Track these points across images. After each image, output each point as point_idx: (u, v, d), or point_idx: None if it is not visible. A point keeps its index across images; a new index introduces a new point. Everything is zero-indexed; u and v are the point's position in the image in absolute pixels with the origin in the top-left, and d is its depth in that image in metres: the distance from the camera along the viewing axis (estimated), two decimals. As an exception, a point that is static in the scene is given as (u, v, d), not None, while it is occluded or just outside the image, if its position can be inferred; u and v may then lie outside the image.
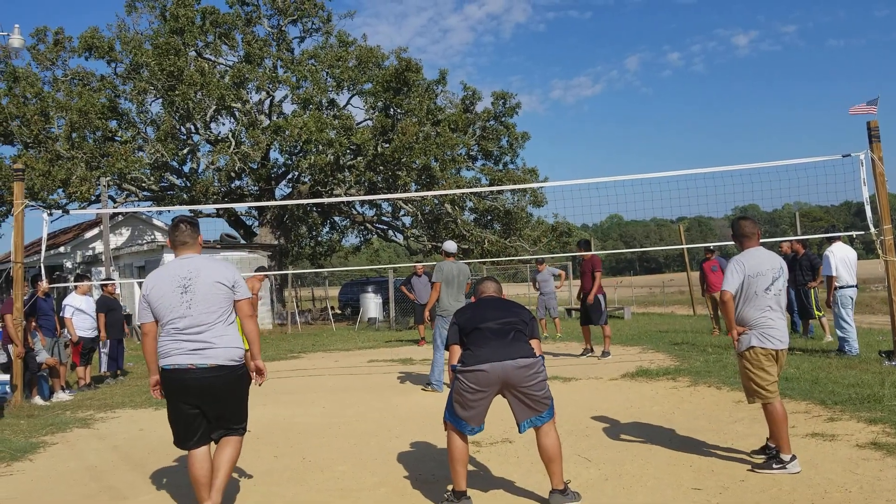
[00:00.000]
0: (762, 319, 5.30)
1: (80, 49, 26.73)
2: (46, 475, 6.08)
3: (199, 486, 4.51)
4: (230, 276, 4.61)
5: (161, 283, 4.55)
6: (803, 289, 12.92)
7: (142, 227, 29.49)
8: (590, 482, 5.16)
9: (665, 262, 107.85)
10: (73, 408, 9.36)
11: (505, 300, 5.13)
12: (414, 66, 26.16)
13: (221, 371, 4.46)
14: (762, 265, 5.35)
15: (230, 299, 4.59)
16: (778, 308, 5.35)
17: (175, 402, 4.53)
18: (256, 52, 26.88)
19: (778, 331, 5.33)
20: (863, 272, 22.72)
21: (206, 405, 4.51)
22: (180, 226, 4.73)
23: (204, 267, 4.59)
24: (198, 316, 4.46)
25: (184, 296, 4.47)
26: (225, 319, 4.56)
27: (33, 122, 23.82)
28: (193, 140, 27.43)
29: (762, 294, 5.30)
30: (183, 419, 4.54)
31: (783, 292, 5.40)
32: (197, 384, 4.43)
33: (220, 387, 4.48)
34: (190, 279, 4.50)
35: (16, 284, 9.74)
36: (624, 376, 9.81)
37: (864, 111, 9.88)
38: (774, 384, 5.30)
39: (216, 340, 4.48)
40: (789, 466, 5.07)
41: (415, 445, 6.56)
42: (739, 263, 5.35)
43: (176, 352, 4.44)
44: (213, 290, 4.52)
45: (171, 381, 4.48)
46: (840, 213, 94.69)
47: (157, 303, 4.51)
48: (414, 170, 26.39)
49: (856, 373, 8.54)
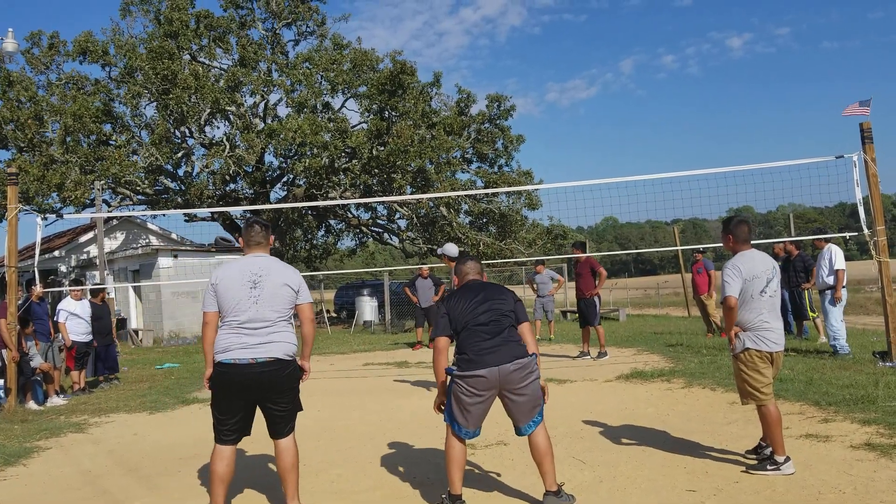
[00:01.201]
0: (758, 322, 5.29)
1: (74, 53, 26.72)
2: (41, 480, 6.07)
3: (216, 482, 4.59)
4: (297, 280, 4.79)
5: (231, 276, 4.68)
6: (797, 290, 12.95)
7: (136, 231, 29.43)
8: (584, 484, 5.17)
9: (660, 263, 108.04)
10: (67, 412, 9.33)
11: (488, 284, 5.10)
12: (409, 69, 26.18)
13: (279, 365, 4.59)
14: (757, 268, 5.35)
15: (293, 302, 4.75)
16: (773, 310, 5.35)
17: (228, 397, 4.61)
18: (251, 55, 26.89)
19: (773, 333, 5.32)
20: (857, 273, 22.65)
21: (263, 401, 4.64)
22: (255, 226, 4.89)
23: (274, 267, 4.75)
24: (262, 312, 4.59)
25: (252, 290, 4.62)
26: (286, 318, 4.71)
27: (27, 126, 23.78)
28: (188, 144, 27.40)
29: (757, 297, 5.29)
30: (230, 413, 4.63)
31: (777, 294, 5.40)
32: (257, 378, 4.54)
33: (277, 380, 4.60)
34: (261, 276, 4.65)
35: (10, 289, 9.72)
36: (618, 378, 9.82)
37: (857, 112, 9.91)
38: (769, 386, 5.29)
39: (275, 336, 4.62)
40: (783, 468, 5.09)
41: (411, 448, 6.56)
42: (737, 268, 5.33)
43: (237, 346, 4.55)
44: (281, 291, 4.67)
45: (229, 376, 4.56)
46: (834, 214, 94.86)
47: (225, 294, 4.64)
48: (409, 172, 26.40)
49: (850, 374, 8.56)
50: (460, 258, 5.48)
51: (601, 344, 12.14)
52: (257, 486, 5.56)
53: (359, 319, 25.61)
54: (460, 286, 5.14)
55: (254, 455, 6.38)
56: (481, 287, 5.00)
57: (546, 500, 4.72)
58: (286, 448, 4.75)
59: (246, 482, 5.65)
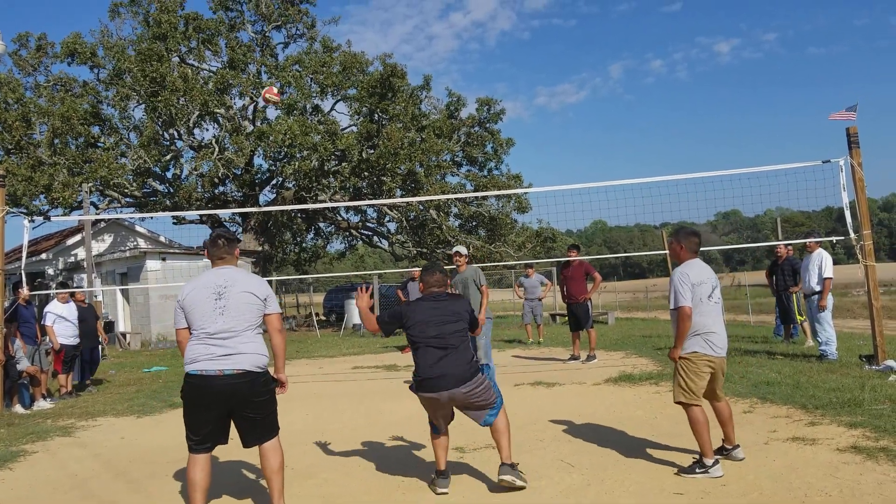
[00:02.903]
0: (705, 328, 5.41)
1: (62, 55, 26.63)
2: (27, 484, 6.03)
3: (193, 489, 4.59)
4: (263, 289, 4.75)
5: (196, 290, 4.67)
6: (785, 293, 13.01)
7: (124, 233, 29.29)
8: (572, 487, 5.18)
9: (648, 267, 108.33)
10: (54, 416, 9.28)
11: (448, 299, 5.38)
12: (399, 72, 26.21)
13: (247, 377, 4.55)
14: (703, 274, 5.50)
15: (261, 311, 4.71)
16: (718, 316, 5.50)
17: (196, 407, 4.61)
18: (240, 57, 26.85)
19: (719, 337, 5.47)
20: (843, 277, 22.79)
21: (238, 410, 4.61)
22: (218, 241, 4.84)
23: (239, 278, 4.73)
24: (229, 322, 4.57)
25: (217, 302, 4.60)
26: (254, 328, 4.69)
27: (15, 127, 23.66)
28: (176, 146, 27.34)
29: (706, 301, 5.44)
30: (200, 424, 4.63)
31: (721, 301, 5.57)
32: (225, 390, 4.52)
33: (246, 392, 4.56)
34: (225, 287, 4.64)
35: (-4, 292, 9.66)
36: (607, 381, 9.85)
37: (844, 117, 9.97)
38: (702, 390, 5.41)
39: (243, 347, 4.58)
40: (712, 471, 5.20)
41: (400, 452, 6.55)
42: (685, 275, 5.44)
43: (204, 357, 4.54)
44: (246, 300, 4.64)
45: (197, 387, 4.56)
46: (821, 218, 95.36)
47: (191, 309, 4.63)
48: (399, 175, 26.42)
49: (837, 377, 8.61)
50: (426, 268, 5.57)
51: (591, 347, 12.16)
52: (236, 492, 5.55)
53: (348, 323, 25.57)
54: (421, 297, 5.45)
55: (232, 461, 6.36)
56: (440, 301, 5.33)
57: (501, 469, 5.15)
58: (271, 451, 4.73)
59: (224, 488, 5.63)
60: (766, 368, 9.65)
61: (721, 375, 5.56)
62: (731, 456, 5.53)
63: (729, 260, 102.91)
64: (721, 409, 5.59)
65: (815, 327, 10.79)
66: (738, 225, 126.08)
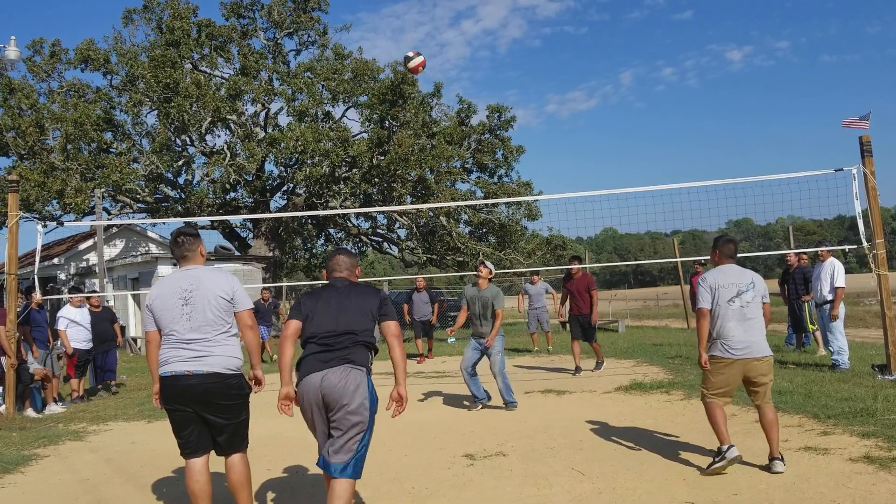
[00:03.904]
0: (722, 331, 5.63)
1: (76, 61, 26.79)
2: (38, 488, 6.06)
3: (195, 499, 4.54)
4: (230, 288, 4.67)
5: (164, 294, 4.63)
6: (797, 301, 12.93)
7: (136, 238, 29.42)
8: (583, 496, 5.17)
9: (659, 275, 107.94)
10: (65, 420, 9.32)
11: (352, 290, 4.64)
12: (410, 79, 26.25)
13: (218, 378, 4.50)
14: (728, 279, 5.72)
15: (230, 311, 4.65)
16: (742, 320, 5.62)
17: (174, 410, 4.58)
18: (252, 64, 26.98)
19: (737, 340, 5.61)
20: (856, 286, 22.66)
21: (207, 413, 4.54)
22: (178, 239, 4.80)
23: (205, 279, 4.66)
24: (197, 327, 4.53)
25: (185, 307, 4.54)
26: (225, 330, 4.61)
27: (28, 133, 23.82)
28: (188, 152, 27.44)
29: (725, 305, 5.64)
30: (182, 426, 4.58)
31: (753, 305, 5.66)
32: (194, 391, 4.47)
33: (217, 394, 4.51)
34: (191, 291, 4.58)
35: (10, 296, 9.73)
36: (618, 389, 9.82)
37: (857, 126, 9.94)
38: (717, 389, 5.73)
39: (214, 350, 4.53)
40: (727, 454, 5.45)
41: (408, 459, 6.55)
42: (705, 280, 5.77)
43: (175, 359, 4.51)
44: (213, 302, 4.58)
45: (169, 389, 4.54)
46: (833, 227, 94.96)
47: (160, 313, 4.61)
48: (409, 182, 26.45)
49: (849, 387, 8.55)
50: (332, 252, 4.98)
51: (598, 355, 12.05)
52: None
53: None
54: (325, 285, 4.79)
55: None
56: (341, 292, 4.63)
57: None
58: (235, 464, 4.67)
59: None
60: (777, 377, 9.56)
61: (755, 378, 5.67)
62: (771, 468, 5.49)
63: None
64: (762, 414, 5.71)
65: (826, 336, 10.73)
66: (750, 233, 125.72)
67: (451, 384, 11.14)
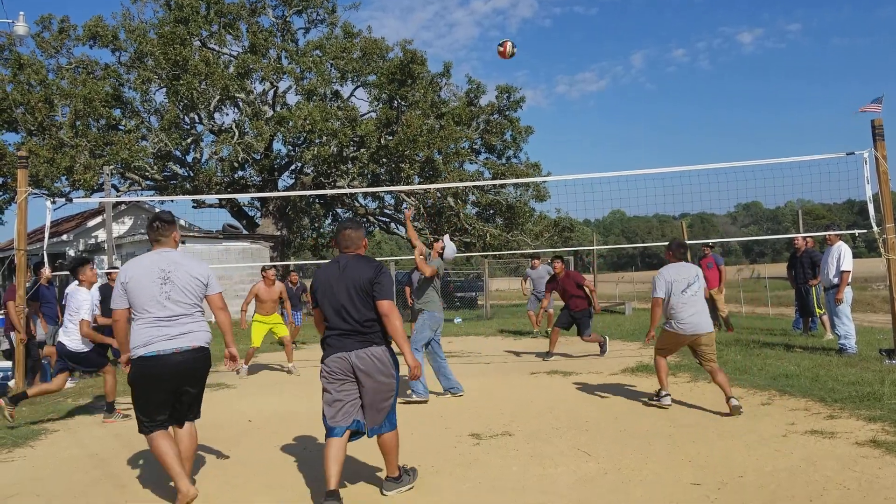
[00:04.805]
0: (675, 314, 7.20)
1: (84, 37, 26.73)
2: (48, 462, 6.11)
3: (170, 464, 4.72)
4: (204, 272, 4.98)
5: (140, 273, 4.83)
6: (804, 286, 12.89)
7: (144, 216, 29.48)
8: (589, 476, 5.18)
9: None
10: (74, 395, 9.39)
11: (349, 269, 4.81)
12: (419, 59, 26.13)
13: (201, 352, 4.85)
14: (679, 274, 7.28)
15: (202, 294, 4.95)
16: (690, 305, 7.17)
17: (153, 389, 4.77)
18: (261, 42, 26.86)
19: (687, 321, 7.16)
20: (864, 270, 22.59)
21: (186, 386, 4.86)
22: (154, 223, 5.03)
23: (182, 262, 4.93)
24: (176, 305, 4.80)
25: (164, 286, 4.79)
26: (199, 309, 4.94)
27: (37, 109, 23.82)
28: (197, 130, 27.42)
29: (679, 294, 7.20)
30: (154, 405, 4.80)
31: (699, 294, 7.22)
32: (178, 366, 4.74)
33: (196, 367, 4.85)
34: (170, 272, 4.83)
35: (19, 272, 9.77)
36: (624, 371, 9.84)
37: (869, 109, 9.86)
38: (664, 350, 7.55)
39: (193, 326, 4.86)
40: (662, 400, 7.39)
41: (414, 437, 6.57)
42: (662, 275, 7.30)
43: (159, 338, 4.73)
44: (190, 284, 4.87)
45: (155, 368, 4.71)
46: (842, 211, 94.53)
47: (135, 292, 4.80)
48: (417, 162, 26.39)
49: (856, 371, 8.54)
50: (338, 226, 5.20)
51: (597, 340, 11.72)
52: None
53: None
54: (331, 261, 5.06)
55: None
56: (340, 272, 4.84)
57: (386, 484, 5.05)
58: (188, 434, 4.98)
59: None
60: (784, 361, 9.60)
61: (699, 347, 7.25)
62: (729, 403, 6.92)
63: (749, 252, 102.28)
64: (713, 376, 7.24)
65: (833, 321, 10.70)
66: (759, 216, 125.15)
67: (456, 364, 11.16)
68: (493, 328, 18.10)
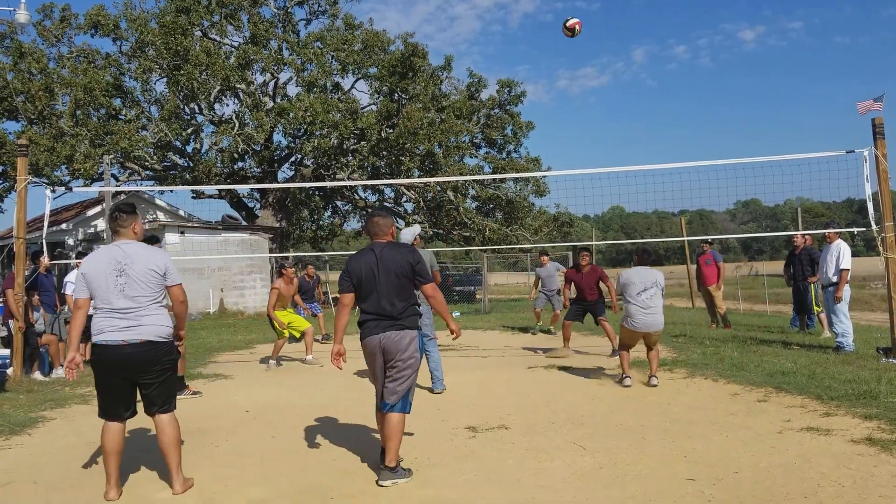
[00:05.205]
0: (630, 314, 8.32)
1: (85, 26, 26.67)
2: (45, 450, 6.12)
3: (107, 455, 4.86)
4: (162, 263, 4.94)
5: (98, 265, 4.87)
6: (802, 283, 12.90)
7: (143, 206, 29.41)
8: (584, 470, 5.20)
9: (665, 254, 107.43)
10: (72, 384, 9.38)
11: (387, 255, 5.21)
12: (420, 52, 26.08)
13: (150, 346, 4.83)
14: (634, 277, 8.35)
15: (161, 284, 4.94)
16: (644, 307, 8.27)
17: (104, 376, 4.87)
18: (262, 33, 26.79)
19: (640, 319, 8.29)
20: (862, 269, 22.59)
21: (139, 379, 4.88)
22: (114, 214, 5.06)
23: (139, 254, 4.92)
24: (131, 298, 4.81)
25: (119, 279, 4.82)
26: (156, 301, 4.91)
27: (38, 97, 23.78)
28: (197, 120, 27.38)
29: (634, 296, 8.28)
30: (108, 392, 4.89)
31: (654, 297, 8.28)
32: (127, 359, 4.79)
33: (147, 360, 4.83)
34: (126, 264, 4.84)
35: (18, 260, 9.77)
36: (620, 367, 9.84)
37: (870, 108, 9.86)
38: (627, 344, 8.72)
39: (145, 319, 4.83)
40: (624, 381, 8.48)
41: (411, 429, 6.58)
42: (621, 274, 8.54)
43: (108, 329, 4.79)
44: (147, 276, 4.86)
45: (102, 356, 4.82)
46: (841, 209, 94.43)
47: (93, 283, 4.86)
48: (417, 156, 26.37)
49: (853, 369, 8.56)
50: (369, 215, 5.55)
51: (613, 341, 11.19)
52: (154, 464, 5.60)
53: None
54: (365, 248, 5.40)
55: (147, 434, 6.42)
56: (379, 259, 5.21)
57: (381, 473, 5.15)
58: (166, 424, 4.98)
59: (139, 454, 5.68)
60: (781, 358, 9.61)
61: (649, 338, 8.43)
62: (649, 382, 8.38)
63: (747, 249, 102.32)
64: (648, 349, 8.57)
65: (831, 318, 10.72)
66: (758, 214, 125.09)
67: (454, 358, 11.19)
68: (492, 322, 18.10)
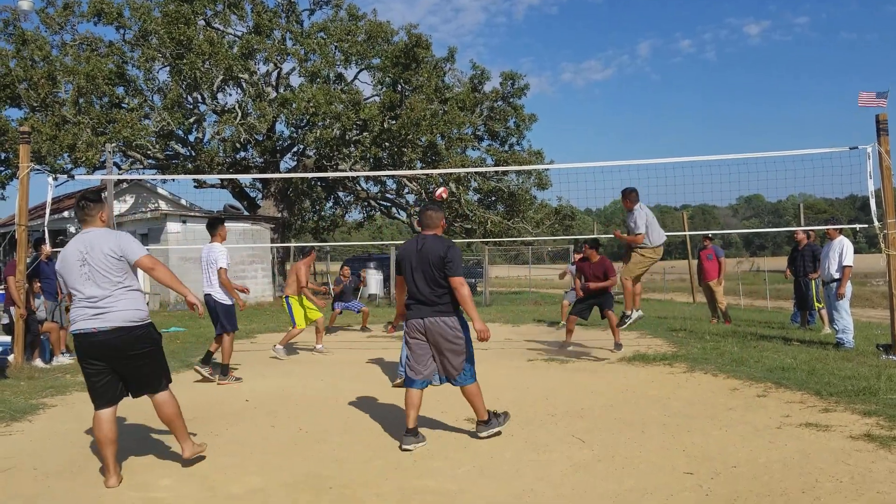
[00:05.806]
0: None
1: (89, 14, 26.61)
2: (45, 436, 6.14)
3: (102, 445, 4.89)
4: (116, 245, 4.93)
5: (66, 257, 4.96)
6: (804, 279, 12.91)
7: (146, 194, 29.48)
8: (583, 463, 5.21)
9: (667, 248, 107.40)
10: (73, 371, 9.41)
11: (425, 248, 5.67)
12: (424, 43, 26.03)
13: (121, 332, 4.86)
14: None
15: (123, 267, 4.94)
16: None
17: (84, 363, 4.95)
18: (265, 23, 26.74)
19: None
20: (863, 266, 22.54)
21: (117, 365, 4.93)
22: (80, 203, 5.15)
23: (96, 240, 4.94)
24: (96, 286, 4.86)
25: (83, 268, 4.89)
26: (124, 286, 4.93)
27: (41, 85, 23.76)
28: (200, 110, 27.36)
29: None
30: (91, 379, 4.95)
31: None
32: (101, 346, 4.85)
33: (122, 347, 4.88)
34: (87, 252, 4.90)
35: (19, 247, 9.79)
36: (621, 360, 9.87)
37: (874, 103, 9.83)
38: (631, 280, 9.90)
39: (115, 305, 4.87)
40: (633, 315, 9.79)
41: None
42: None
43: (81, 318, 4.87)
44: (105, 262, 4.88)
45: (80, 345, 4.91)
46: (844, 206, 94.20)
47: (65, 275, 4.97)
48: (420, 147, 26.34)
49: (853, 365, 8.56)
50: (422, 208, 6.02)
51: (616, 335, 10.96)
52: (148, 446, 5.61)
53: (364, 292, 25.66)
54: (413, 238, 5.91)
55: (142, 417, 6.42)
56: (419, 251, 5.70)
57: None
58: (162, 402, 5.11)
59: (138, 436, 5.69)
60: (781, 354, 9.62)
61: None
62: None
63: (749, 244, 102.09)
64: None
65: (832, 315, 10.73)
66: (760, 210, 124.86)
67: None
68: (493, 315, 18.11)
